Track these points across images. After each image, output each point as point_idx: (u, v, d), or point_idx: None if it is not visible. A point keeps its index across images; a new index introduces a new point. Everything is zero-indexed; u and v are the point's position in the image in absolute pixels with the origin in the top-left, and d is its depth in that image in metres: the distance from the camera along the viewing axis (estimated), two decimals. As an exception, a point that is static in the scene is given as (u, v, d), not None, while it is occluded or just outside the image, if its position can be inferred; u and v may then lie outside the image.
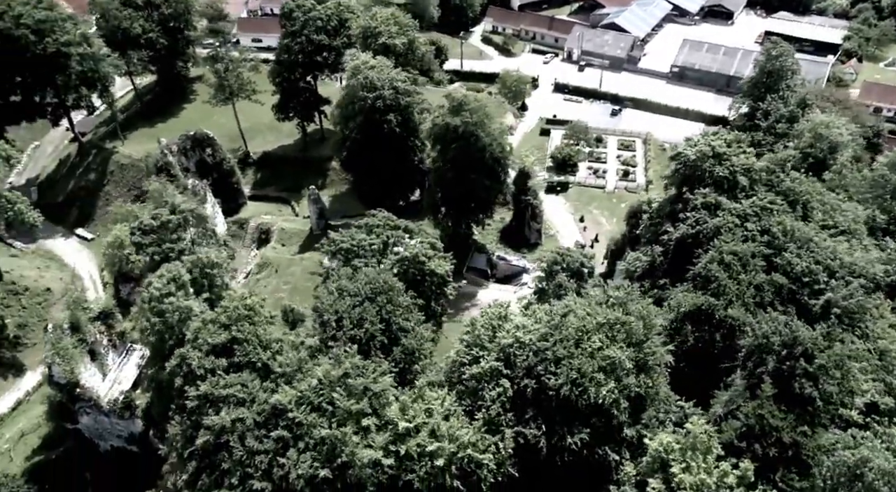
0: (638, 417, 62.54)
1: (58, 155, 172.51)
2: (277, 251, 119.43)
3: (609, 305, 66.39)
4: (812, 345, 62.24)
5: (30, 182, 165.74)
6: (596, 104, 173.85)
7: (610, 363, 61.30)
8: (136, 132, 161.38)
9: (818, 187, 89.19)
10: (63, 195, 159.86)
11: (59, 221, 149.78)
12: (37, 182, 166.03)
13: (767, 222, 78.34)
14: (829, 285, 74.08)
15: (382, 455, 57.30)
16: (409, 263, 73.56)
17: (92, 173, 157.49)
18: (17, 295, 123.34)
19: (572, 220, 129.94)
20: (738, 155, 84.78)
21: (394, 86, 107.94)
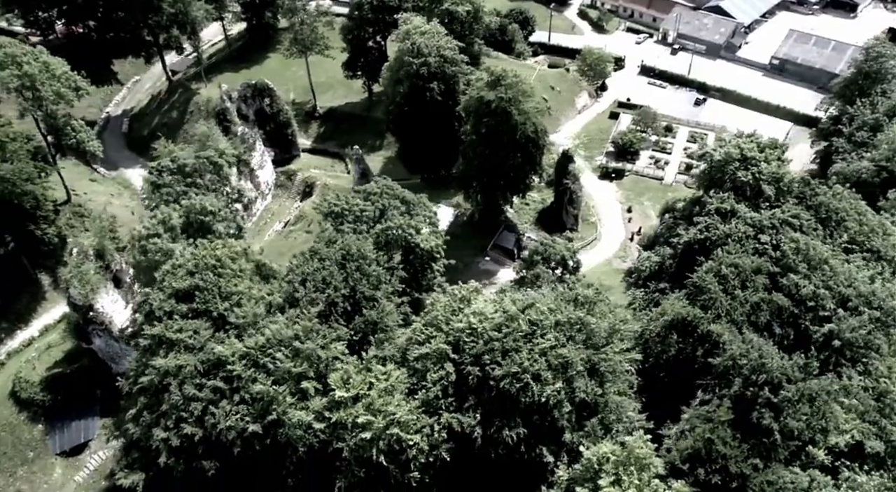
0: (583, 422, 60.66)
1: (152, 91, 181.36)
2: (317, 206, 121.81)
3: (577, 304, 64.27)
4: (781, 375, 58.35)
5: (125, 113, 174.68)
6: (681, 91, 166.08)
7: (561, 363, 59.64)
8: (221, 76, 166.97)
9: (861, 206, 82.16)
10: (148, 129, 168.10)
11: (142, 153, 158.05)
12: (130, 114, 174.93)
13: (784, 237, 73.15)
14: (836, 314, 68.70)
15: (314, 419, 58.29)
16: (394, 234, 73.38)
17: (175, 111, 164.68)
18: (82, 217, 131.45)
19: (620, 210, 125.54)
20: (770, 162, 79.09)
21: (441, 54, 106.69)
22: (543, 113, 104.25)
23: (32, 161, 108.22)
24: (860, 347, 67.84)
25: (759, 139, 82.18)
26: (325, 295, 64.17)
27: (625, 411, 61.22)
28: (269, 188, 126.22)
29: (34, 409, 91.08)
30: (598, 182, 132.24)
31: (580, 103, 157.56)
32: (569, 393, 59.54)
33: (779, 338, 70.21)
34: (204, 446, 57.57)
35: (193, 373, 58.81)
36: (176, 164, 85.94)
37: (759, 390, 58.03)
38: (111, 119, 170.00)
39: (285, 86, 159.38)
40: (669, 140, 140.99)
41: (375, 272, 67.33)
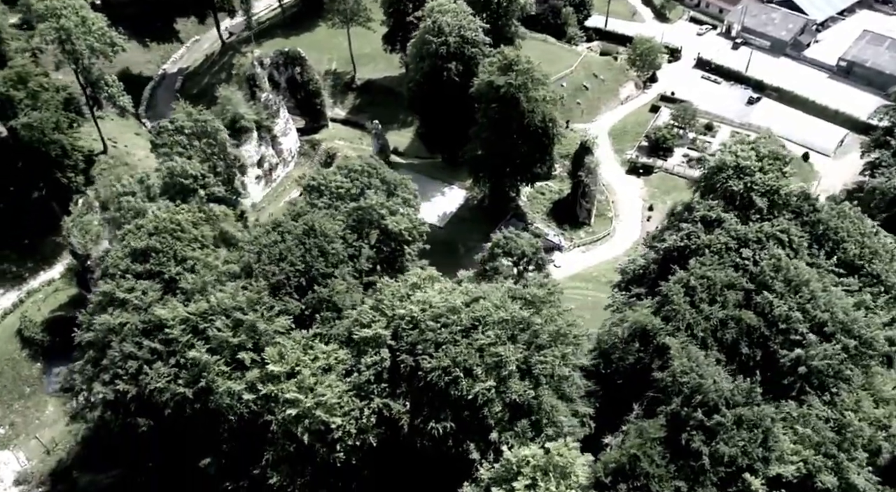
0: (514, 422, 59.65)
1: (209, 51, 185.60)
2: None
3: (525, 303, 62.96)
4: (718, 398, 55.91)
5: (180, 71, 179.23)
6: (735, 88, 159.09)
7: (496, 361, 58.72)
8: (272, 41, 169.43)
9: (867, 226, 77.20)
10: (198, 88, 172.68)
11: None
12: (185, 72, 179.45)
13: (765, 253, 69.55)
14: (806, 339, 65.14)
15: (244, 389, 59.27)
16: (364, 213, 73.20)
17: (224, 72, 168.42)
18: (116, 168, 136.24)
19: (641, 207, 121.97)
20: (768, 172, 75.11)
21: (462, 34, 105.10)
22: (556, 102, 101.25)
23: (64, 112, 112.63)
24: (828, 375, 64.34)
25: (758, 148, 77.92)
26: (278, 268, 64.77)
27: (558, 415, 59.80)
28: (292, 156, 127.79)
29: (35, 347, 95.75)
30: (624, 177, 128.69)
31: (624, 94, 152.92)
32: (500, 392, 58.57)
33: (745, 358, 67.22)
34: (137, 404, 59.42)
35: (134, 332, 60.57)
36: (174, 125, 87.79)
37: (692, 412, 55.78)
38: (167, 76, 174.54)
39: (329, 55, 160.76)
40: (708, 139, 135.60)
41: (335, 250, 67.43)
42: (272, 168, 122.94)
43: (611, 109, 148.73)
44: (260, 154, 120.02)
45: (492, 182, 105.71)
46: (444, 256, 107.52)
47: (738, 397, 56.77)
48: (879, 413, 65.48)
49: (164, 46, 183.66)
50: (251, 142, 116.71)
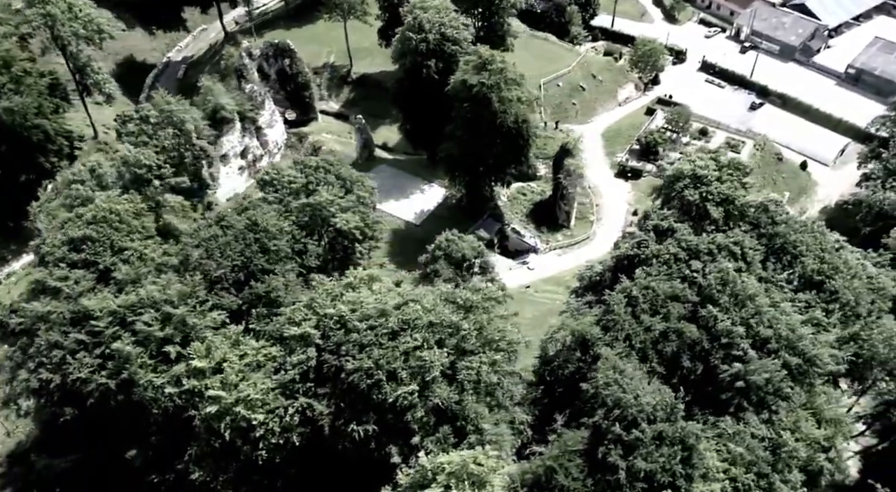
0: (437, 428, 58.87)
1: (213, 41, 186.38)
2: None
3: (458, 307, 62.09)
4: (637, 412, 54.64)
5: (184, 60, 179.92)
6: (739, 93, 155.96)
7: (420, 366, 57.98)
8: (273, 32, 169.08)
9: (828, 241, 75.04)
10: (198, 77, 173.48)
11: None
12: (189, 61, 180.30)
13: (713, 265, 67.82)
14: (747, 355, 63.45)
15: (167, 383, 59.23)
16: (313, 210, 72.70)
17: (223, 62, 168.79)
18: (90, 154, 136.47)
19: (626, 211, 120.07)
20: (726, 182, 73.26)
21: (442, 32, 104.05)
22: (531, 103, 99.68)
23: (50, 97, 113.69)
24: (768, 392, 62.69)
25: (718, 157, 75.96)
26: (216, 263, 64.61)
27: (483, 422, 58.91)
28: (278, 148, 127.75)
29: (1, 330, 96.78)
30: (612, 180, 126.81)
31: (623, 95, 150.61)
32: (424, 396, 57.85)
33: (687, 372, 65.82)
34: (61, 393, 59.66)
35: (62, 321, 60.78)
36: (139, 114, 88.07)
37: (611, 425, 54.58)
38: (170, 64, 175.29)
39: (328, 48, 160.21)
40: (701, 144, 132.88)
41: (276, 246, 67.09)
42: (256, 159, 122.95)
43: (608, 111, 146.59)
44: (244, 145, 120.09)
45: (467, 181, 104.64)
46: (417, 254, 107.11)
47: (660, 412, 55.35)
48: (820, 434, 63.81)
49: (171, 34, 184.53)
50: (234, 132, 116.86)
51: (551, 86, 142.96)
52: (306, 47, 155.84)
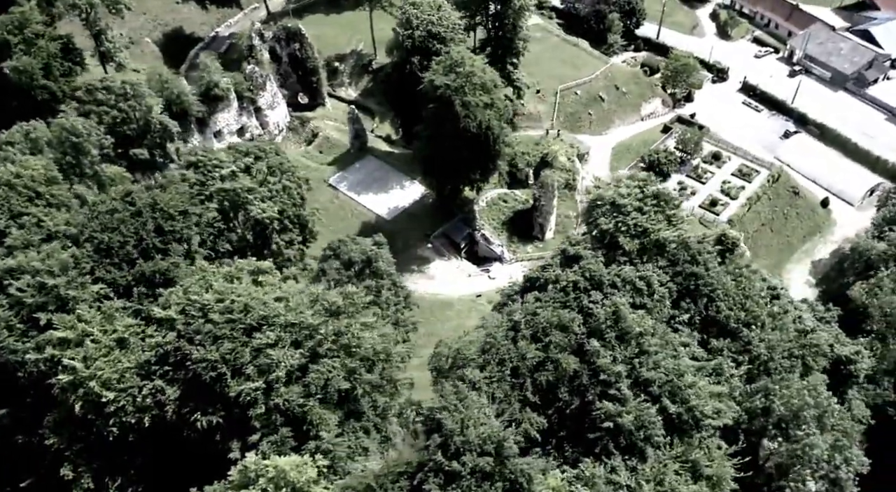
0: (277, 429, 58.21)
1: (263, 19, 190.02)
2: (307, 155, 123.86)
3: (325, 310, 61.15)
4: (462, 443, 52.40)
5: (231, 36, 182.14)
6: (775, 118, 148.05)
7: (267, 364, 57.54)
8: (312, 16, 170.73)
9: (756, 288, 69.88)
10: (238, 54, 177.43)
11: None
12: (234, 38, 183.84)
13: (609, 300, 64.30)
14: (623, 395, 60.03)
15: (30, 348, 60.79)
16: (228, 195, 72.94)
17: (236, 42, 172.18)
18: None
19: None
20: (647, 213, 69.24)
21: (428, 29, 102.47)
22: (503, 112, 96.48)
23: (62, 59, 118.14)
24: (638, 438, 59.14)
25: (646, 186, 71.57)
26: (108, 237, 65.73)
27: (323, 429, 57.94)
28: (279, 129, 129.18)
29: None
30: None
31: (647, 110, 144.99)
32: (268, 395, 57.40)
33: (563, 405, 62.89)
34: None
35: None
36: (102, 85, 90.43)
37: (434, 452, 52.51)
38: (217, 38, 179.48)
39: (358, 36, 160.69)
40: (712, 168, 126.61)
41: (172, 227, 67.74)
42: (254, 139, 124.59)
43: (626, 124, 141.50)
44: (241, 123, 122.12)
45: (437, 182, 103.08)
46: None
47: (489, 445, 52.86)
48: (693, 489, 59.72)
49: (223, 10, 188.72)
50: (230, 110, 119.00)
51: (569, 94, 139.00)
52: (340, 34, 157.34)
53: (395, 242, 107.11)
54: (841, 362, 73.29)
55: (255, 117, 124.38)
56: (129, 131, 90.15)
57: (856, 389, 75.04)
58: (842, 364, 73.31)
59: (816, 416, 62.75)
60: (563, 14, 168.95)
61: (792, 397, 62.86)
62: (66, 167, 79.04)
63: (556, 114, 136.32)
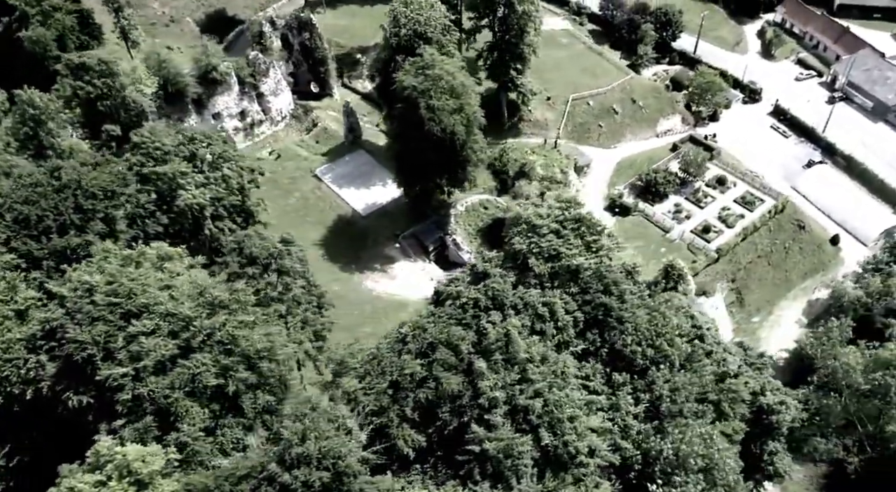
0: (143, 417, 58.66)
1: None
2: (303, 144, 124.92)
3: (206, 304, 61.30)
4: (299, 454, 51.65)
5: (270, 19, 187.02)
6: (802, 146, 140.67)
7: (138, 351, 58.15)
8: (347, 7, 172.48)
9: (671, 326, 66.27)
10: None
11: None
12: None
13: (503, 324, 62.21)
14: (494, 421, 58.21)
15: None
16: (160, 179, 73.93)
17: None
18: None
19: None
20: (566, 237, 66.64)
21: (414, 28, 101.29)
22: (472, 118, 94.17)
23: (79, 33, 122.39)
24: (507, 467, 57.28)
25: (569, 208, 68.64)
26: (26, 208, 67.61)
27: (188, 422, 58.13)
28: (281, 116, 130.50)
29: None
30: (599, 212, 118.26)
31: (663, 126, 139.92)
32: (136, 382, 58.00)
33: (442, 424, 61.42)
34: None
35: None
36: (77, 62, 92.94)
37: (269, 461, 51.86)
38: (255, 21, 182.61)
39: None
40: (714, 193, 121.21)
41: (93, 206, 69.18)
42: (255, 123, 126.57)
43: (638, 140, 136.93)
44: (241, 108, 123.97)
45: (404, 182, 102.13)
46: (348, 243, 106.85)
47: (327, 460, 51.93)
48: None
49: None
50: (230, 94, 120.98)
51: (580, 103, 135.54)
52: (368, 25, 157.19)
53: (365, 238, 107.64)
54: (763, 412, 68.95)
55: (256, 103, 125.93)
56: (102, 107, 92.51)
57: (783, 440, 70.57)
58: (764, 414, 68.95)
59: (704, 467, 59.21)
60: (601, 21, 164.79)
61: (682, 443, 59.52)
62: (24, 138, 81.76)
63: (564, 123, 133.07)
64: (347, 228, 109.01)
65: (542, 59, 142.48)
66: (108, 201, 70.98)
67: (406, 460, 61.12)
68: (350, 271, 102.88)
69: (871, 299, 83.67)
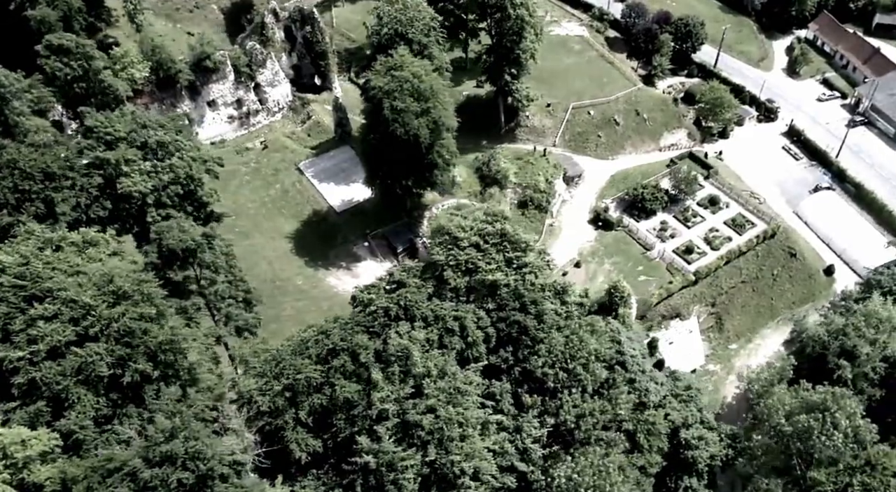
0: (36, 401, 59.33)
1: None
2: (294, 136, 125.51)
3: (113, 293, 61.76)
4: (159, 453, 51.47)
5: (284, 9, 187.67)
6: (812, 170, 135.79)
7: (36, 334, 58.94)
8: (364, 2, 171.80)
9: (589, 349, 64.06)
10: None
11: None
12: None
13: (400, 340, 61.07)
14: (377, 435, 57.33)
15: None
16: (105, 165, 74.80)
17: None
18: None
19: (572, 258, 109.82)
20: (486, 251, 65.04)
21: (395, 28, 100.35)
22: (440, 122, 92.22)
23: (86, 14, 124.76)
24: (388, 481, 56.45)
25: (494, 222, 66.73)
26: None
27: (78, 410, 58.62)
28: (279, 107, 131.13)
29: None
30: (581, 225, 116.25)
31: (667, 140, 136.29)
32: (29, 367, 58.68)
33: (336, 431, 60.84)
34: None
35: None
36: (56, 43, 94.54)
37: (132, 457, 51.88)
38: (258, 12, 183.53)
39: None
40: (704, 213, 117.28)
41: (30, 187, 70.48)
42: (251, 113, 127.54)
43: (639, 153, 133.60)
44: (237, 97, 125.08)
45: (377, 183, 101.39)
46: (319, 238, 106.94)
47: (192, 462, 51.57)
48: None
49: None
50: (225, 82, 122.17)
51: (581, 112, 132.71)
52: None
53: (336, 235, 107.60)
54: (681, 446, 66.30)
55: (253, 93, 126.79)
56: (79, 89, 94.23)
57: (703, 476, 67.72)
58: (682, 448, 66.30)
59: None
60: (623, 29, 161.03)
61: (574, 472, 57.61)
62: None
63: (562, 131, 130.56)
64: (321, 223, 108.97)
65: (549, 64, 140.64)
66: (49, 184, 71.98)
67: (300, 464, 60.71)
68: (315, 267, 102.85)
69: (828, 337, 79.51)
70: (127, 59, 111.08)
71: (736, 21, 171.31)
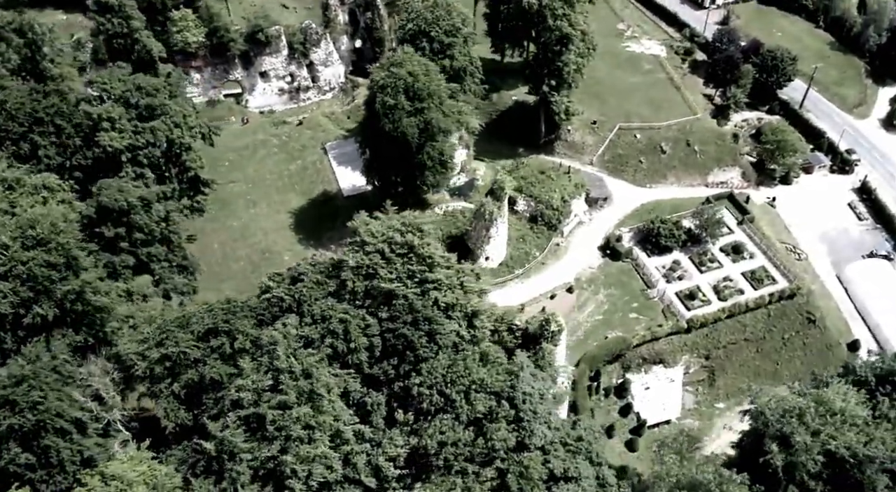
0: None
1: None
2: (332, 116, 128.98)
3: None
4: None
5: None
6: (876, 233, 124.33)
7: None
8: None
9: (469, 378, 62.24)
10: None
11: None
12: None
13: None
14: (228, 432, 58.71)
15: None
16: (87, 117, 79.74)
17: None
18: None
19: (566, 282, 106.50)
20: (392, 261, 64.57)
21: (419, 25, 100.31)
22: (436, 124, 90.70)
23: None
24: (228, 470, 57.80)
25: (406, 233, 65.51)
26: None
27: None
28: (329, 86, 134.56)
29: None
30: (590, 250, 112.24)
31: (717, 177, 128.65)
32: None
33: (204, 409, 62.69)
34: None
35: None
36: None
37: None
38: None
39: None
40: (724, 260, 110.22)
41: (10, 128, 76.31)
42: (300, 89, 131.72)
43: (681, 185, 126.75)
44: (289, 72, 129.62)
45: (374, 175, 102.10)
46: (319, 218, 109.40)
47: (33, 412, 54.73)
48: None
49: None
50: (278, 56, 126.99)
51: (627, 134, 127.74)
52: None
53: (336, 218, 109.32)
54: (552, 494, 63.36)
55: (305, 70, 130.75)
56: (116, 45, 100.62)
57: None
58: (553, 497, 63.34)
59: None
60: (710, 52, 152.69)
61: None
62: (23, 60, 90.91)
63: (603, 150, 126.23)
64: (326, 204, 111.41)
65: (610, 80, 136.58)
66: (37, 128, 77.47)
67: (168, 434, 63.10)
68: (306, 245, 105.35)
69: (772, 417, 72.68)
70: (184, 23, 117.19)
71: (843, 60, 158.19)
